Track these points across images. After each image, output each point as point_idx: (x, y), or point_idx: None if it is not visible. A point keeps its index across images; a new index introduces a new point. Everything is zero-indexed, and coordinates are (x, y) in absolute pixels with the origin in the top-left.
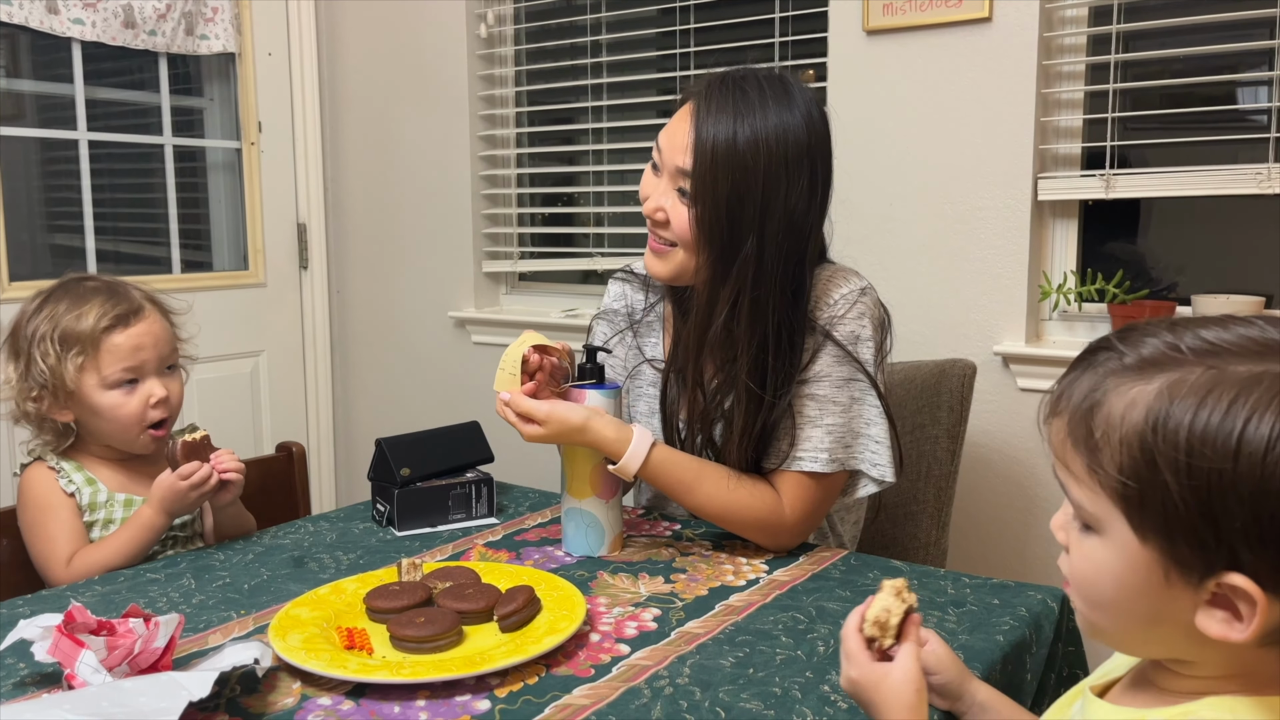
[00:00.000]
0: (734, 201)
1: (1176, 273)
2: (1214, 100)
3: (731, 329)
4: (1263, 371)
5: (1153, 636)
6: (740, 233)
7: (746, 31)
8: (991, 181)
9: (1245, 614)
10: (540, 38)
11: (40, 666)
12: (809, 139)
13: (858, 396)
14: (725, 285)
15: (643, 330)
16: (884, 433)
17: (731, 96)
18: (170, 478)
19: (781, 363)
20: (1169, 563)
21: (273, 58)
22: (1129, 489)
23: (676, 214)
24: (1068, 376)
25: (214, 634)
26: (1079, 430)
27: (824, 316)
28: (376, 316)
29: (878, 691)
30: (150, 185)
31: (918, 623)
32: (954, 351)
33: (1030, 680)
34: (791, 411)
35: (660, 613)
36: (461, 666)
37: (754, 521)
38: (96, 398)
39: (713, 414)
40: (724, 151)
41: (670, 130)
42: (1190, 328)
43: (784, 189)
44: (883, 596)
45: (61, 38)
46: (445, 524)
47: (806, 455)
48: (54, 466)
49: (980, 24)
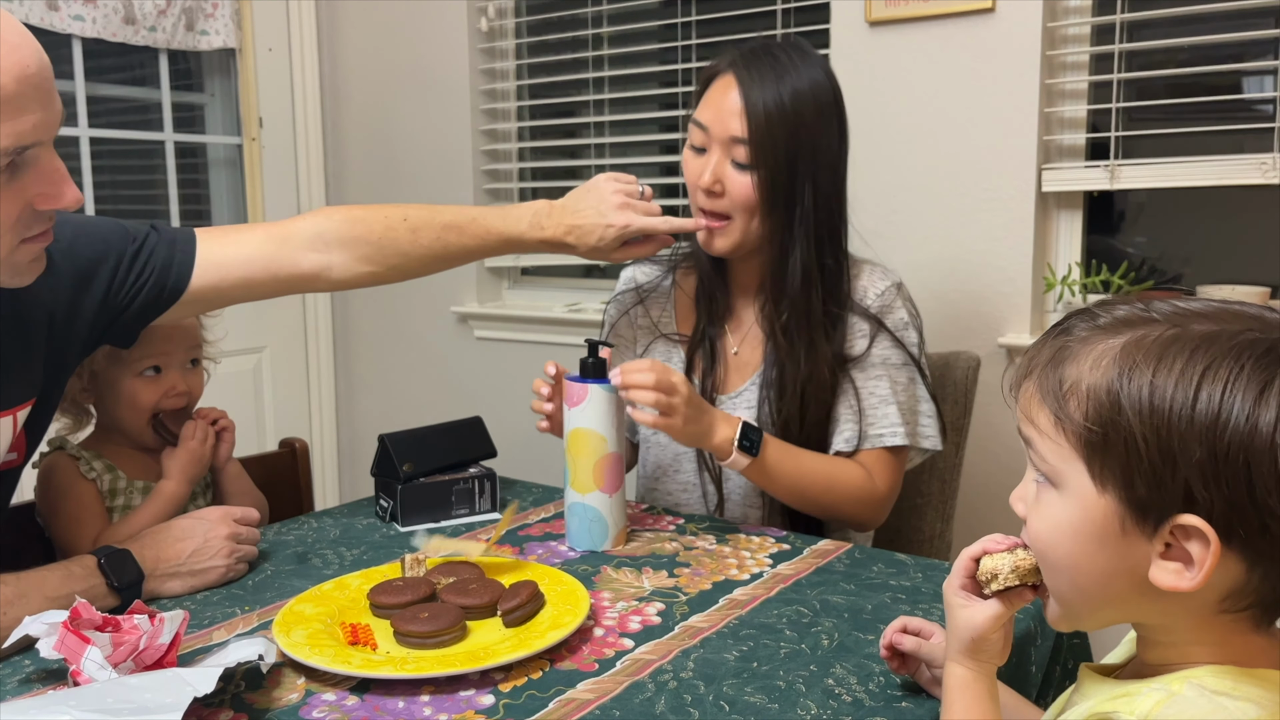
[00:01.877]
0: (791, 157)
1: (1182, 263)
2: (1219, 90)
3: (807, 279)
4: (1220, 331)
5: (1111, 595)
6: (799, 186)
7: (749, 23)
8: (995, 173)
9: (1197, 558)
10: (541, 31)
11: (45, 663)
12: (832, 88)
13: (912, 378)
14: (791, 238)
15: (653, 307)
16: (931, 409)
17: (767, 62)
18: (180, 446)
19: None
20: (1125, 509)
21: (273, 53)
22: (1093, 434)
23: (734, 182)
24: (1039, 341)
25: (218, 630)
26: (1048, 383)
27: (874, 306)
28: (379, 312)
29: (949, 619)
30: (152, 181)
31: (1025, 599)
32: (958, 344)
33: (1035, 673)
34: (856, 392)
35: (664, 607)
36: (465, 662)
37: (854, 496)
38: (121, 383)
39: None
40: (776, 112)
41: (714, 104)
42: (1165, 299)
43: (824, 137)
44: (1008, 559)
45: (62, 34)
46: (449, 519)
47: (887, 431)
48: (74, 454)
49: (984, 14)
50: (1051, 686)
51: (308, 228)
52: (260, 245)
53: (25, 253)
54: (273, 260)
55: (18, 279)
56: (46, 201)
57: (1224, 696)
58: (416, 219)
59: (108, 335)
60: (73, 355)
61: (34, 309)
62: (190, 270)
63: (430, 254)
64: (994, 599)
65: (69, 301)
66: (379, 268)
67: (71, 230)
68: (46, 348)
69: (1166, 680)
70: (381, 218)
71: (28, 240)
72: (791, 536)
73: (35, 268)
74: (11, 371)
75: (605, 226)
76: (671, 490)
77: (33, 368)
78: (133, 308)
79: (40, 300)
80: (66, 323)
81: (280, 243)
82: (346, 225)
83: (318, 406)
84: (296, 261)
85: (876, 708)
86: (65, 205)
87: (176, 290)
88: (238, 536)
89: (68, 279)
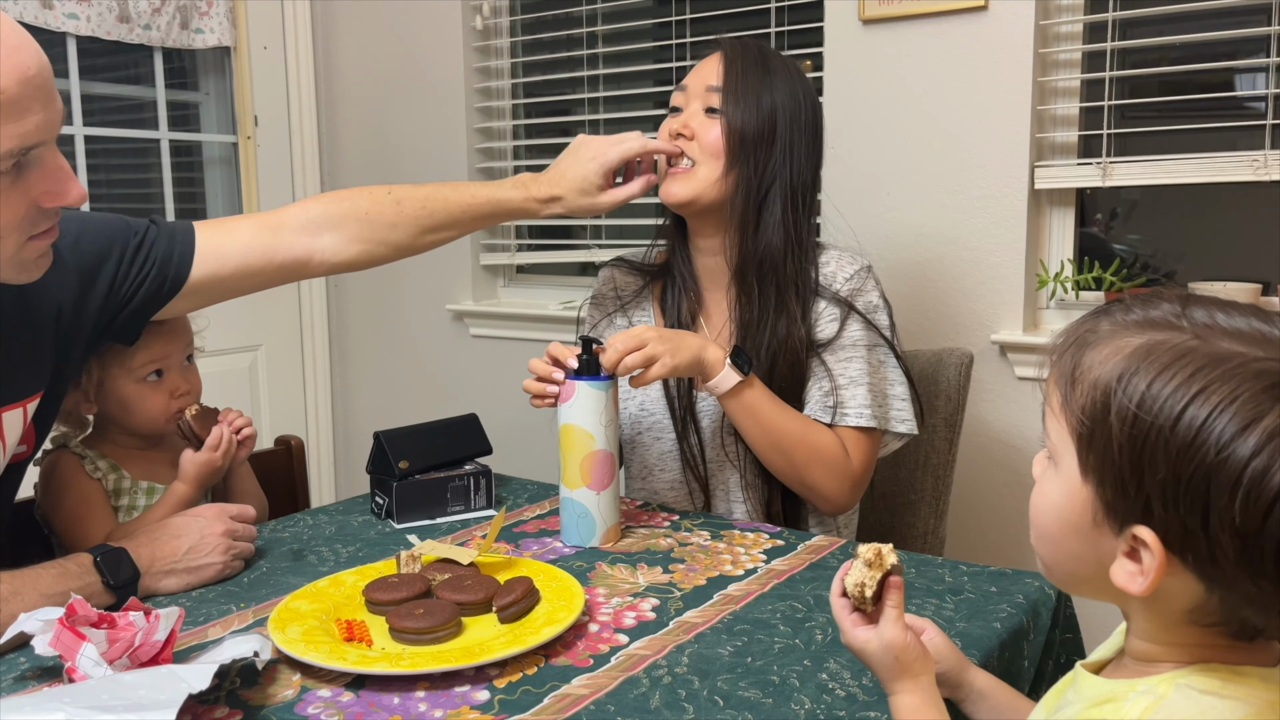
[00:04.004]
0: (763, 110)
1: (1175, 260)
2: (1211, 88)
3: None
4: (1238, 353)
5: (1083, 576)
6: (771, 137)
7: (742, 21)
8: (988, 170)
9: (1146, 568)
10: (536, 29)
11: (40, 660)
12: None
13: (882, 359)
14: (762, 196)
15: (633, 311)
16: (905, 391)
17: (754, 46)
18: (202, 453)
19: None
20: (1098, 505)
21: (268, 51)
22: (1084, 427)
23: (702, 126)
24: (1084, 317)
25: (214, 627)
26: (1066, 366)
27: (844, 290)
28: (374, 310)
29: (866, 659)
30: (147, 180)
31: (897, 586)
32: (951, 340)
33: (1028, 667)
34: (829, 374)
35: (659, 603)
36: (460, 657)
37: (828, 461)
38: (125, 391)
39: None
40: (753, 70)
41: (696, 71)
42: (1208, 305)
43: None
44: (857, 567)
45: (56, 32)
46: (444, 516)
47: (852, 411)
48: (79, 453)
49: (976, 12)
50: (1044, 681)
51: (298, 214)
52: (255, 233)
53: (32, 249)
54: (268, 248)
55: (25, 275)
56: (52, 199)
57: (1212, 696)
58: (401, 192)
59: (111, 329)
60: (79, 349)
61: (42, 303)
62: (190, 261)
63: (416, 224)
64: (881, 607)
65: (76, 296)
66: (370, 245)
67: (77, 226)
68: (54, 342)
69: (1153, 682)
70: (366, 194)
71: (34, 237)
72: (785, 532)
73: (42, 264)
74: (21, 365)
75: (588, 160)
76: (658, 490)
77: (41, 361)
78: (134, 301)
79: (48, 295)
80: (74, 317)
81: (274, 230)
82: (334, 205)
83: (313, 404)
84: (291, 246)
85: (870, 702)
86: (70, 202)
87: (177, 282)
88: (234, 534)
89: (74, 274)
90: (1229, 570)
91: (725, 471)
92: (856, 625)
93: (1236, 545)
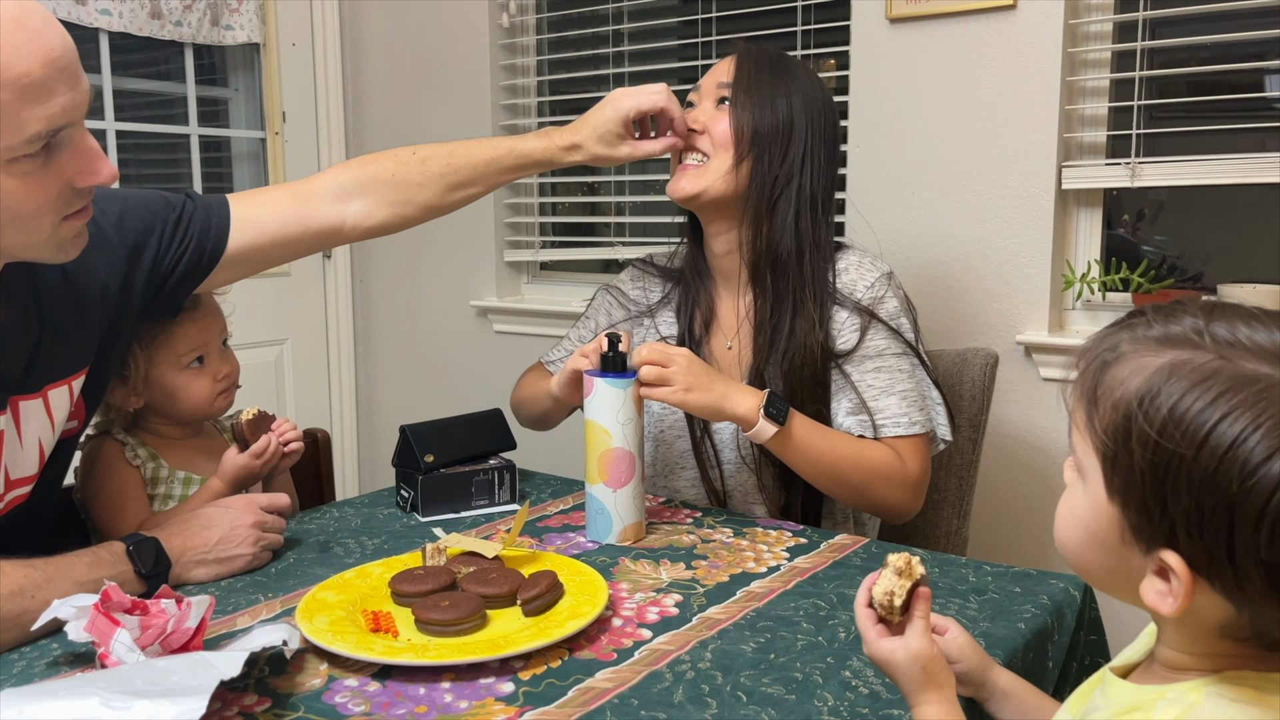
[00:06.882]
0: (779, 104)
1: (1202, 262)
2: (1241, 88)
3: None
4: (1264, 375)
5: (1112, 586)
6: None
7: (768, 20)
8: (1015, 170)
9: (1174, 591)
10: (562, 27)
11: (73, 646)
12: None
13: (914, 365)
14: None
15: (660, 312)
16: (939, 397)
17: (771, 47)
18: (243, 457)
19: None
20: (1124, 525)
21: (296, 48)
22: (1107, 448)
23: (714, 120)
24: (1107, 329)
25: (243, 616)
26: (1088, 383)
27: (865, 299)
28: (399, 305)
29: (890, 670)
30: (176, 175)
31: (926, 597)
32: (976, 340)
33: (1052, 668)
34: (853, 387)
35: (682, 598)
36: (485, 649)
37: (885, 475)
38: (170, 380)
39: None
40: (768, 64)
41: (711, 70)
42: (1231, 318)
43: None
44: (886, 575)
45: (89, 28)
46: (468, 510)
47: (889, 421)
48: (120, 440)
49: (1005, 11)
50: (1068, 682)
51: (328, 181)
52: (289, 203)
53: (68, 229)
54: (303, 215)
55: (63, 255)
56: (84, 179)
57: (1243, 704)
58: (425, 151)
59: (156, 303)
60: (126, 326)
61: (89, 282)
62: (227, 233)
63: (443, 180)
64: (908, 618)
65: (123, 274)
66: (399, 207)
67: (119, 205)
68: (100, 318)
69: (1182, 689)
70: (392, 156)
71: (69, 217)
72: (808, 530)
73: (79, 243)
74: (69, 342)
75: (608, 107)
76: (680, 488)
77: (89, 338)
78: (176, 274)
79: (95, 274)
80: (120, 293)
81: (306, 199)
82: (360, 171)
83: (338, 398)
84: (324, 214)
85: (893, 700)
86: (102, 180)
87: (216, 253)
88: (263, 525)
89: (121, 252)
90: (1257, 598)
91: (743, 474)
92: (881, 636)
93: (1264, 575)
